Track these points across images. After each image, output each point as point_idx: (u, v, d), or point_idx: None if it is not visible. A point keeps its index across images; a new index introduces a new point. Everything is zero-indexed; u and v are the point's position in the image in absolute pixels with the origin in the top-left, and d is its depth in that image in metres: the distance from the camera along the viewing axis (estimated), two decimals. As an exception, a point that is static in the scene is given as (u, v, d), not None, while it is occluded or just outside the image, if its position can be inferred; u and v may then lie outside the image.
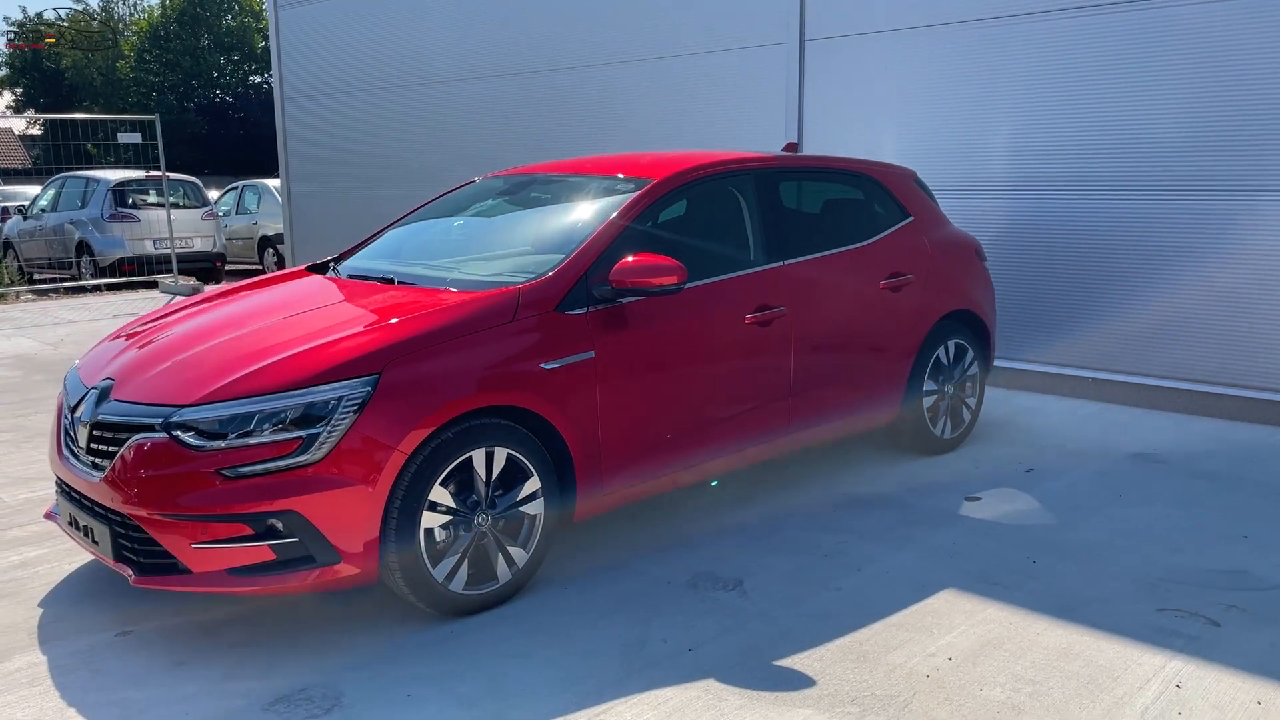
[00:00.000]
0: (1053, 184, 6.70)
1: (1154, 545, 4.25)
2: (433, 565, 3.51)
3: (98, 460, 3.54)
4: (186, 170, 15.66)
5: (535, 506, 3.78)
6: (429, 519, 3.49)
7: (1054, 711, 3.00)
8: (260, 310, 4.14)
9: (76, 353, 8.79)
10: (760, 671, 3.27)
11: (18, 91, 52.16)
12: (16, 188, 24.12)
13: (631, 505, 4.34)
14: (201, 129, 45.60)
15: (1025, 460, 5.41)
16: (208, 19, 48.59)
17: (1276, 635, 3.45)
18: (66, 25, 47.62)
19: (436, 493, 3.50)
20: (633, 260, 3.96)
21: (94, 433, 3.57)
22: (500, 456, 3.65)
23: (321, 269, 4.82)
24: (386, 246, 4.94)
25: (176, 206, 14.40)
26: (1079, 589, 3.84)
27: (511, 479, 3.71)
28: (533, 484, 3.75)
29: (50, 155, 13.60)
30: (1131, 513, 4.64)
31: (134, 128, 13.07)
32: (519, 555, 3.76)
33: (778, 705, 3.07)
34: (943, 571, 4.01)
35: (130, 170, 15.23)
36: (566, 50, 9.61)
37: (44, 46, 42.99)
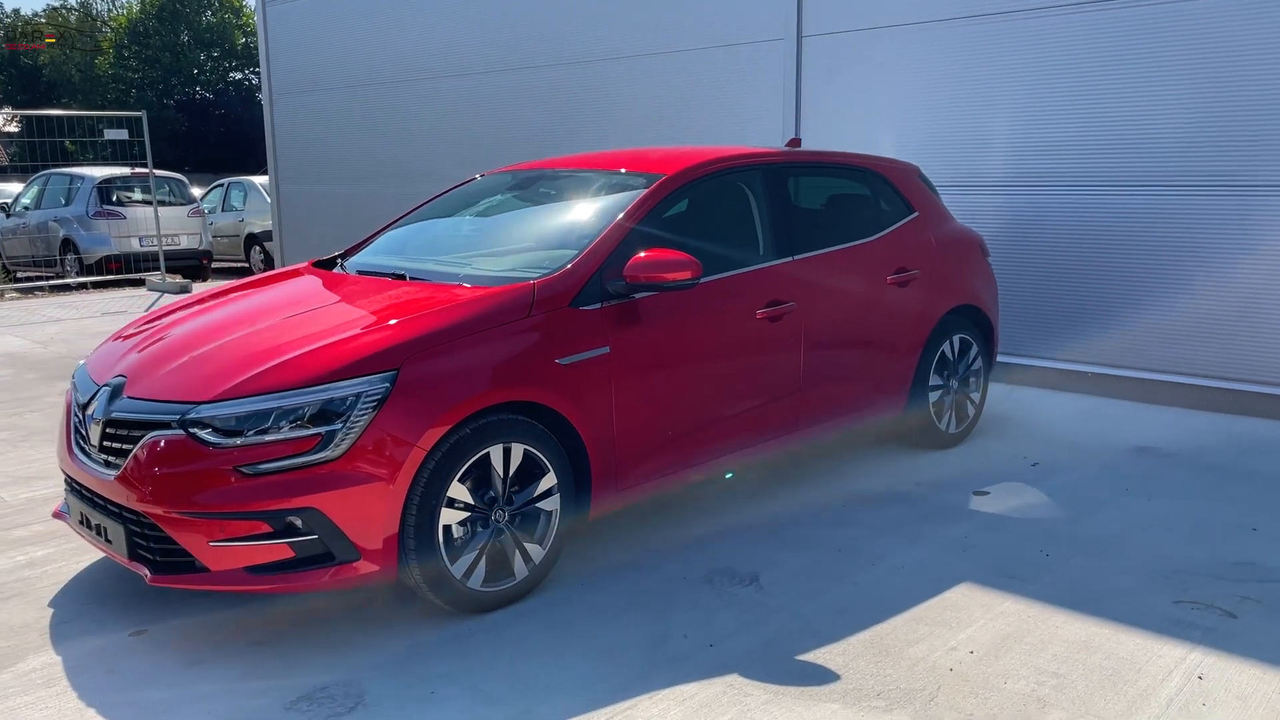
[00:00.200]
0: (1052, 180, 6.73)
1: (1165, 538, 4.27)
2: (451, 562, 3.49)
3: (110, 458, 3.50)
4: (166, 168, 15.43)
5: (552, 503, 3.76)
6: (447, 515, 3.47)
7: (1080, 704, 3.01)
8: (272, 306, 4.11)
9: (67, 351, 8.71)
10: (783, 666, 3.27)
11: (-7, 88, 51.63)
12: (-5, 185, 23.86)
13: (644, 502, 4.33)
14: (181, 126, 45.26)
15: (1030, 455, 5.43)
16: (187, 15, 48.22)
17: (1293, 626, 3.48)
18: (44, 21, 47.17)
19: (455, 489, 3.47)
20: (648, 255, 3.94)
21: (107, 430, 3.53)
22: (517, 453, 3.64)
23: (328, 265, 4.78)
24: (393, 242, 4.90)
25: (162, 204, 14.27)
26: (1094, 582, 3.85)
27: (528, 475, 3.69)
28: (549, 480, 3.74)
29: (28, 152, 13.42)
30: (1140, 506, 4.66)
31: (121, 124, 12.94)
32: (535, 552, 3.74)
33: (803, 700, 3.06)
34: (957, 565, 4.02)
35: (115, 167, 15.08)
36: (561, 46, 9.58)
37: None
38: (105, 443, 3.53)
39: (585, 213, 4.42)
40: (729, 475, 4.68)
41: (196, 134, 45.39)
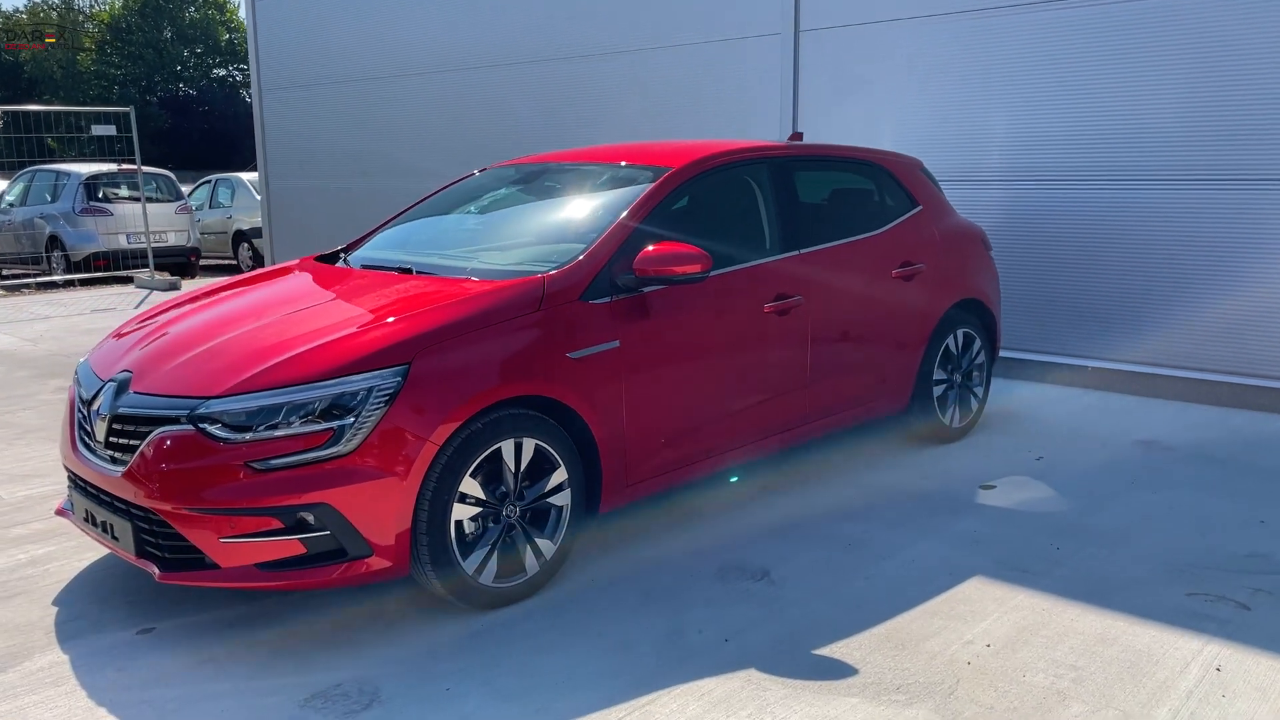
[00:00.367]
0: (1050, 174, 6.73)
1: (1174, 531, 4.28)
2: (463, 558, 3.46)
3: (117, 454, 3.45)
4: (150, 165, 15.25)
5: (562, 498, 3.73)
6: (459, 511, 3.44)
7: (1100, 696, 3.00)
8: (277, 301, 4.06)
9: (58, 349, 8.62)
10: (800, 660, 3.25)
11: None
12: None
13: (651, 498, 4.30)
14: (165, 123, 44.98)
15: (1033, 448, 5.43)
16: (170, 11, 47.94)
17: (1306, 618, 3.49)
18: (24, 17, 46.77)
19: (467, 484, 3.44)
20: (657, 249, 3.91)
21: (113, 426, 3.48)
22: (528, 447, 3.60)
23: (330, 260, 4.74)
24: (396, 237, 4.86)
25: (150, 200, 14.14)
26: (1106, 574, 3.85)
27: (539, 470, 3.66)
28: (560, 475, 3.71)
29: (10, 148, 13.24)
30: (1147, 499, 4.66)
31: (108, 120, 12.82)
32: (547, 547, 3.71)
33: (822, 694, 3.04)
34: (968, 559, 4.01)
35: (101, 163, 14.94)
36: (555, 41, 9.53)
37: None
38: (111, 438, 3.48)
39: (592, 206, 4.39)
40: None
41: (180, 131, 45.13)
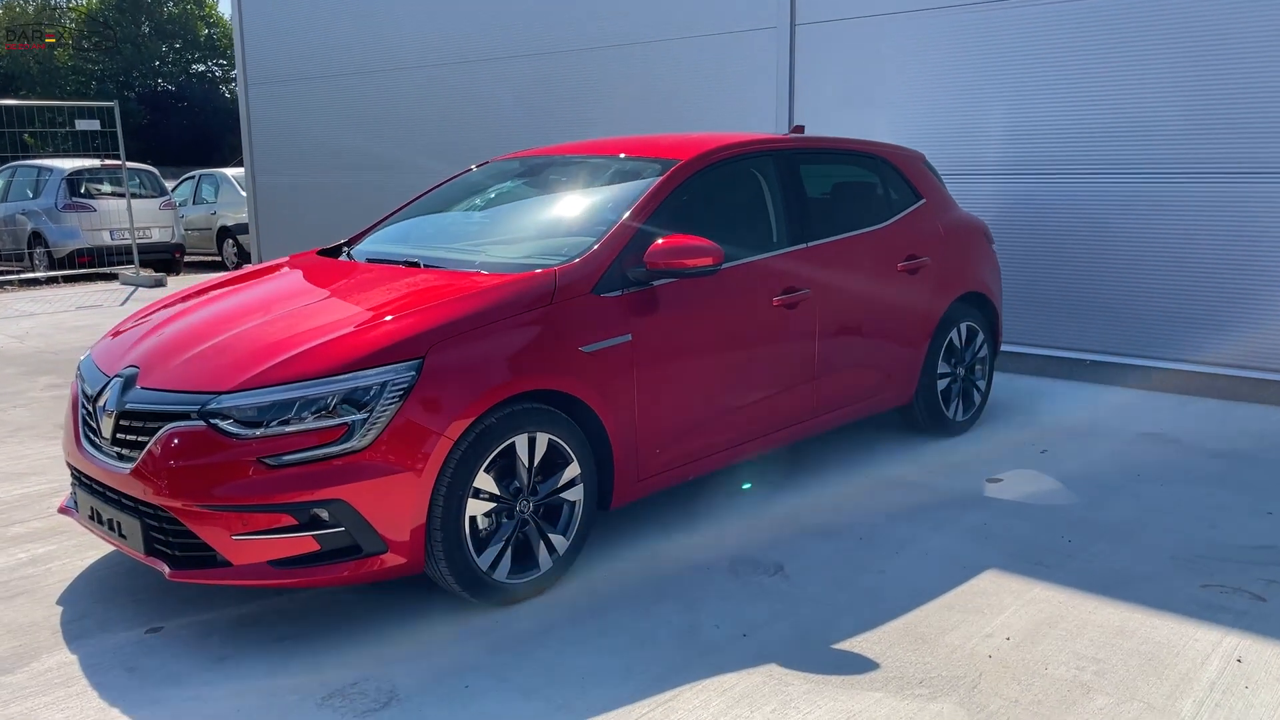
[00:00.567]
0: (1048, 168, 6.74)
1: (1183, 523, 4.28)
2: (477, 553, 3.42)
3: (124, 450, 3.39)
4: (129, 161, 14.99)
5: (575, 493, 3.70)
6: (473, 506, 3.40)
7: (1123, 689, 2.99)
8: (283, 295, 4.01)
9: (45, 346, 8.51)
10: (820, 655, 3.23)
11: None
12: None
13: (661, 493, 4.27)
14: (143, 119, 44.48)
15: (1037, 442, 5.44)
16: (148, 5, 47.43)
17: (1321, 609, 3.49)
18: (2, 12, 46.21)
19: (481, 479, 3.40)
20: (669, 241, 3.88)
21: (120, 422, 3.42)
22: (542, 442, 3.57)
23: (333, 254, 4.68)
24: (399, 231, 4.81)
25: (134, 196, 13.98)
26: (1120, 566, 3.85)
27: (552, 465, 3.63)
28: (573, 470, 3.67)
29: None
30: (1154, 491, 4.67)
31: (92, 115, 12.66)
32: (560, 542, 3.68)
33: (846, 689, 3.02)
34: (981, 552, 4.00)
35: (84, 159, 14.77)
36: (547, 34, 9.48)
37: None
38: (119, 434, 3.42)
39: (601, 199, 4.36)
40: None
41: (158, 127, 44.63)
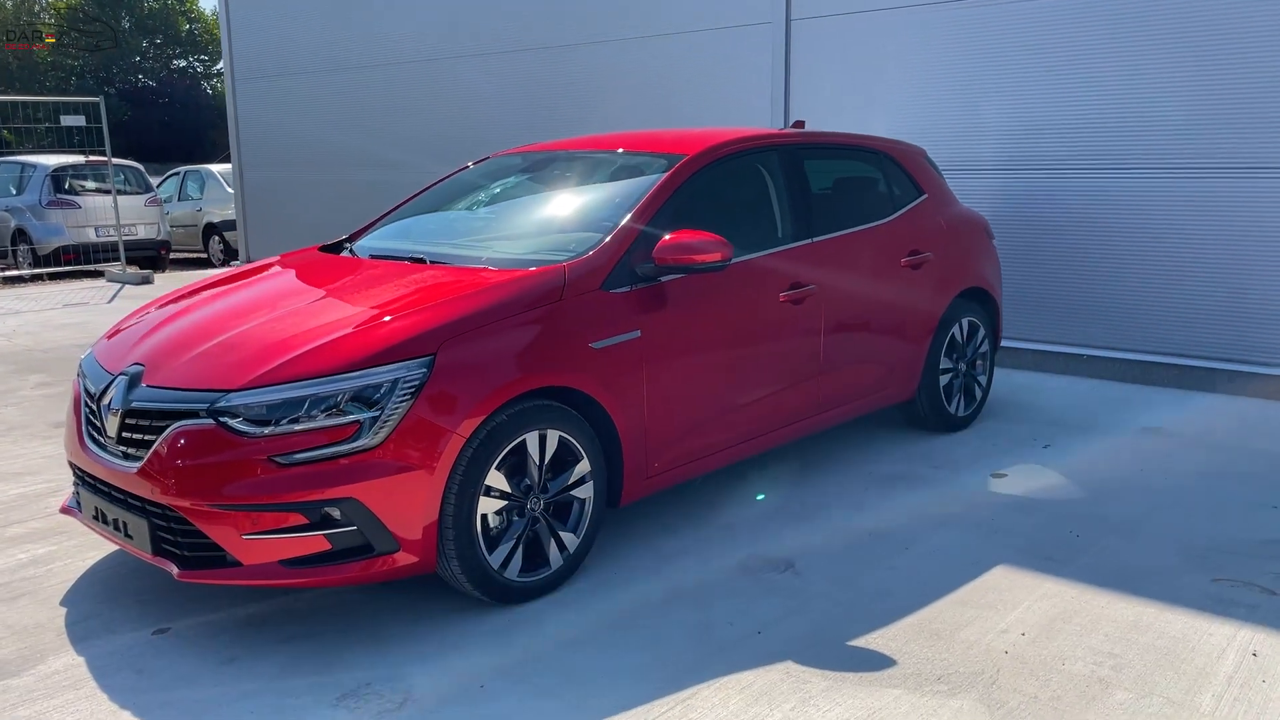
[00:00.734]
0: (1047, 163, 6.75)
1: (1189, 517, 4.29)
2: (489, 552, 3.39)
3: (130, 449, 3.34)
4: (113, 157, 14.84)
5: (586, 490, 3.68)
6: (485, 504, 3.37)
7: (1142, 684, 2.99)
8: (290, 292, 3.96)
9: (34, 344, 8.42)
10: (837, 651, 3.21)
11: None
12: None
13: (669, 490, 4.25)
14: (124, 115, 44.10)
15: (1038, 436, 5.44)
16: (128, 1, 47.02)
17: (1332, 602, 3.50)
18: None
19: (492, 477, 3.37)
20: (677, 237, 3.86)
21: (126, 421, 3.37)
22: (552, 439, 3.54)
23: (335, 250, 4.64)
24: (402, 227, 4.76)
25: (120, 193, 13.85)
26: (1129, 561, 3.85)
27: (562, 462, 3.60)
28: (583, 467, 3.65)
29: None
30: (1158, 485, 4.68)
31: (77, 110, 12.54)
32: (570, 540, 3.65)
33: (864, 686, 3.01)
34: (991, 547, 4.00)
35: (68, 155, 14.63)
36: (541, 30, 9.43)
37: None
38: (125, 433, 3.37)
39: (608, 194, 4.33)
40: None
41: (140, 123, 44.22)
